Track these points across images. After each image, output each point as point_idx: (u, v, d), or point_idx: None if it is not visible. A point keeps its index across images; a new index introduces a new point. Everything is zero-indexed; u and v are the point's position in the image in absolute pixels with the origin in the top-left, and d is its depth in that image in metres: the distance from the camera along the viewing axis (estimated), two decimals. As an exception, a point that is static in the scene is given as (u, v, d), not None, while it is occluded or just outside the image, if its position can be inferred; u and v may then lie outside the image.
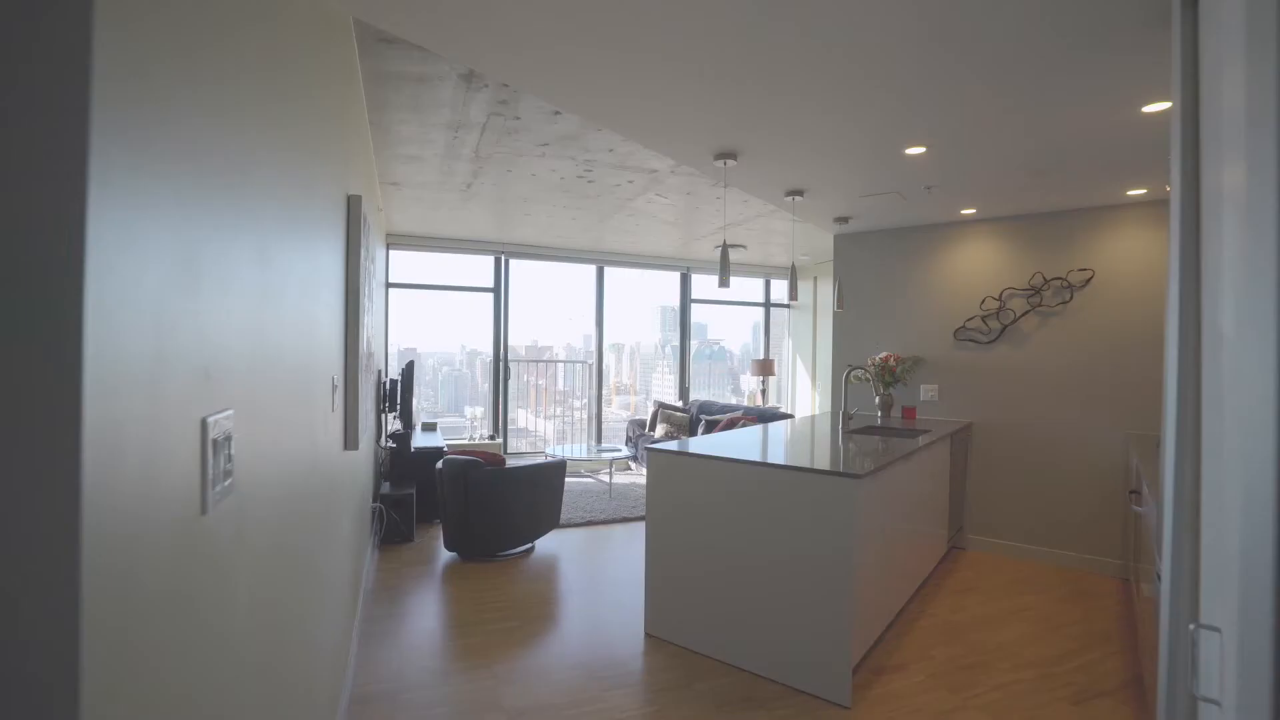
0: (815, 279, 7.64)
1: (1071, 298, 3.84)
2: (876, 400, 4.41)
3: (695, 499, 2.67)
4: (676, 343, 8.02)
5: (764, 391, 7.72)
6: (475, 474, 3.78)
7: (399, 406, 4.95)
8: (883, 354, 4.38)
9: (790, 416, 5.54)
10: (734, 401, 8.82)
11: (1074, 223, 3.83)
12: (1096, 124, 2.51)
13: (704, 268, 7.61)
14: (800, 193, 3.64)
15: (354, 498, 2.74)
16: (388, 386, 5.02)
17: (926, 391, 4.37)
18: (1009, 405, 4.06)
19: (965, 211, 3.98)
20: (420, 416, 7.46)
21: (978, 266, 4.17)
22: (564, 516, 4.85)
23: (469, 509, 3.80)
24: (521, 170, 4.00)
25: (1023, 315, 4.00)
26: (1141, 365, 3.61)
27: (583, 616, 3.11)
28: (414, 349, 7.45)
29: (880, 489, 2.53)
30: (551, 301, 7.56)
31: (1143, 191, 3.43)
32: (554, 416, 7.48)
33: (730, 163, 3.01)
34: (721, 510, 2.58)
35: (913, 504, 3.07)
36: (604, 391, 7.29)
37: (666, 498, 2.77)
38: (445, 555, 3.98)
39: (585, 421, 7.33)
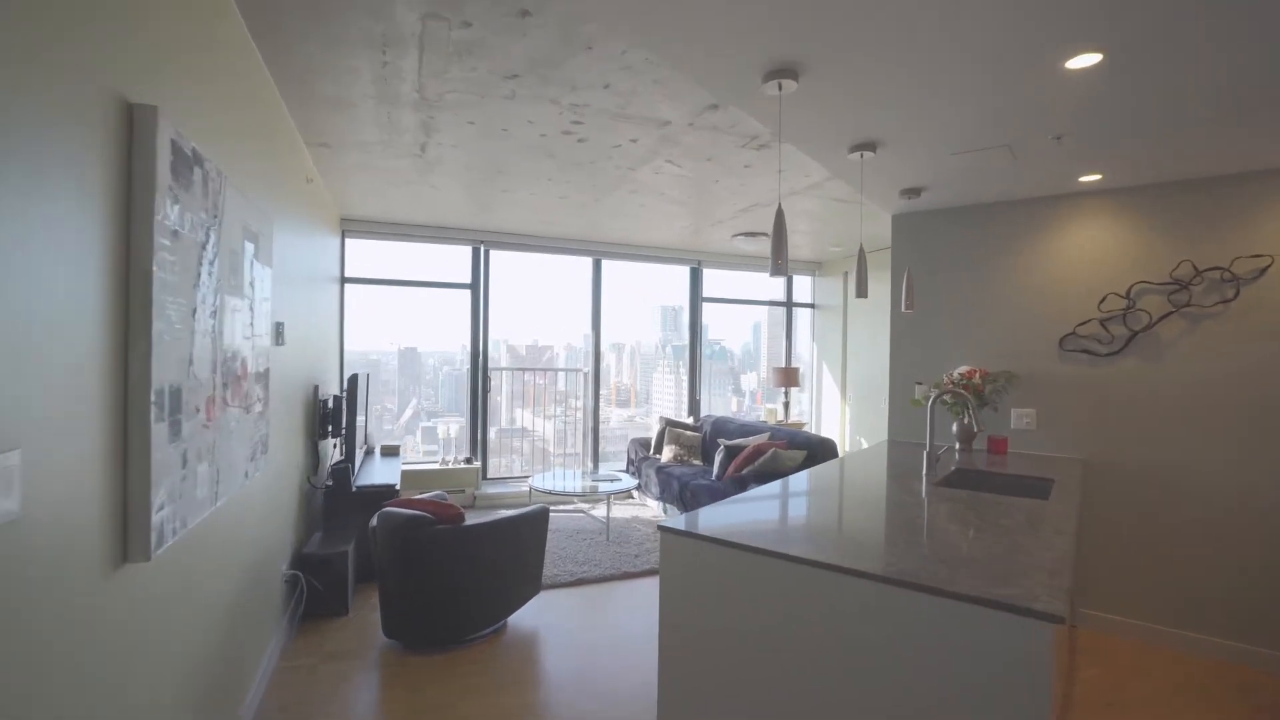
0: (846, 274, 6.62)
1: (1237, 295, 2.82)
2: (954, 428, 3.39)
3: (734, 615, 1.64)
4: (677, 343, 7.03)
5: (786, 405, 6.70)
6: (419, 536, 2.76)
7: (343, 431, 3.93)
8: (963, 368, 3.35)
9: (830, 443, 4.52)
10: (735, 404, 7.79)
11: (1246, 192, 2.80)
12: None
13: (717, 261, 6.58)
14: (872, 147, 2.61)
15: (188, 623, 1.72)
16: (330, 405, 4.00)
17: (1020, 417, 3.35)
18: (1138, 438, 3.04)
19: (1086, 178, 2.95)
20: (419, 420, 6.50)
21: (1098, 254, 3.14)
22: (548, 572, 3.83)
23: (413, 585, 2.78)
24: (488, 122, 2.98)
25: (1161, 319, 2.98)
26: (1347, 389, 2.59)
27: (564, 767, 2.09)
28: (414, 348, 6.58)
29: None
30: (542, 300, 6.56)
31: (1370, 142, 2.41)
32: (554, 416, 6.52)
33: (788, 86, 1.98)
34: (780, 641, 1.56)
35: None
36: (602, 400, 6.27)
37: (688, 610, 1.74)
38: (384, 642, 2.95)
39: (584, 423, 6.31)
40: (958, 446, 3.39)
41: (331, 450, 4.16)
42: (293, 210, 3.07)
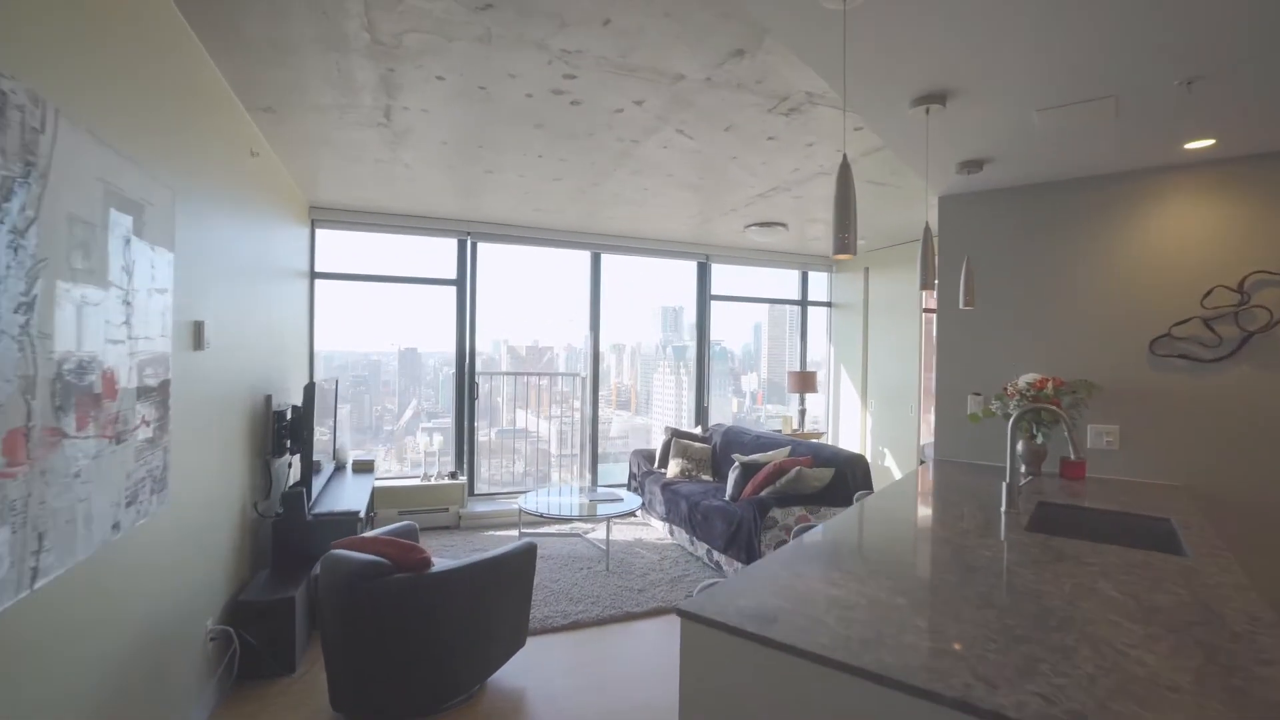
0: (867, 270, 6.08)
1: (1386, 287, 2.28)
2: (1019, 449, 2.85)
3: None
4: (678, 344, 6.50)
5: (803, 413, 6.16)
6: (373, 589, 2.21)
7: (302, 447, 3.38)
8: (1030, 377, 2.81)
9: (861, 460, 3.97)
10: (736, 405, 7.25)
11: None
12: None
13: (727, 256, 6.05)
14: (942, 99, 2.07)
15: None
16: (289, 417, 3.48)
17: (1100, 435, 2.81)
18: (1254, 463, 2.50)
19: (1195, 145, 2.41)
20: (420, 420, 6.00)
21: (1202, 240, 2.60)
22: (538, 613, 3.29)
23: (365, 647, 2.23)
24: (462, 77, 2.44)
25: (1285, 317, 2.44)
26: None
27: None
28: (414, 348, 6.22)
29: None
30: (541, 299, 6.02)
31: None
32: (554, 417, 6.05)
33: (856, -6, 1.44)
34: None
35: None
36: (603, 400, 5.73)
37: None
38: (332, 715, 2.41)
39: (582, 431, 5.78)
40: (1023, 470, 2.85)
41: (288, 470, 3.62)
42: (224, 187, 2.53)
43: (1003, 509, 2.15)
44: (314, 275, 4.77)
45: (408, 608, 2.26)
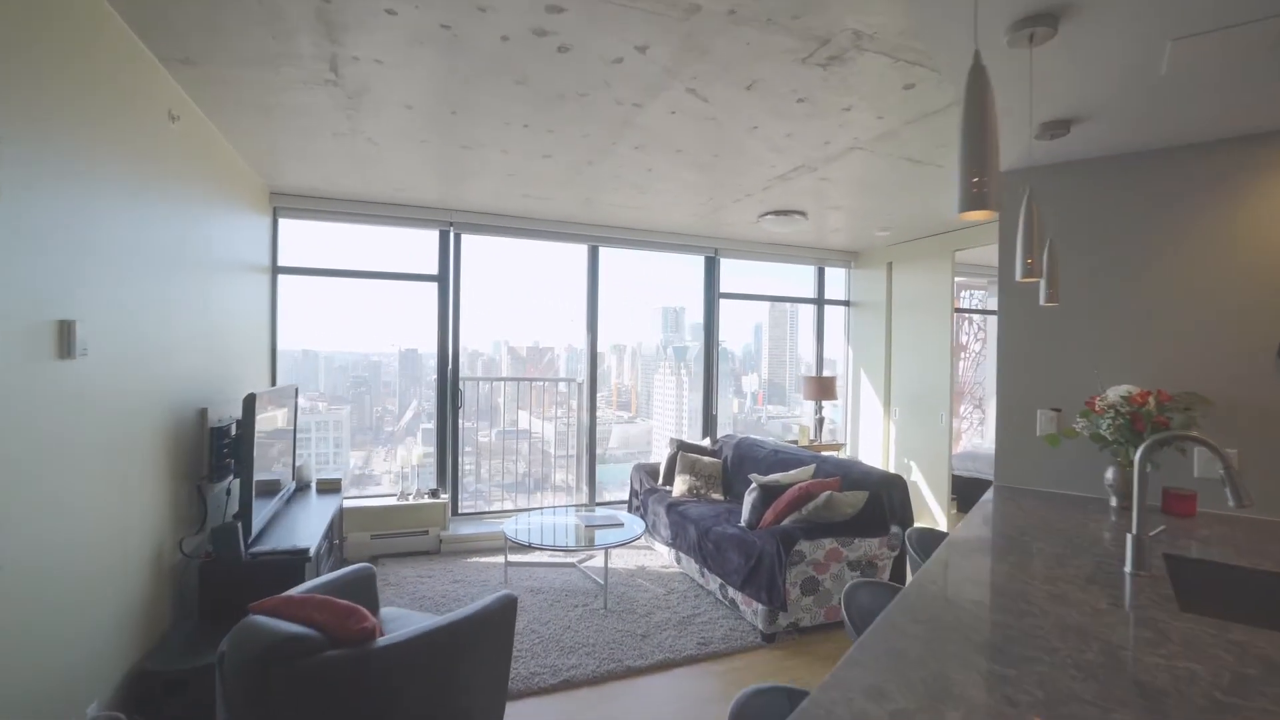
0: (890, 265, 5.54)
1: None
2: (1108, 476, 2.33)
3: None
4: (679, 344, 6.01)
5: (820, 422, 5.63)
6: (293, 674, 1.68)
7: (240, 470, 2.86)
8: (1124, 389, 2.28)
9: (898, 480, 3.44)
10: (736, 405, 6.71)
11: None
12: None
13: (737, 250, 5.51)
14: (1053, 21, 1.54)
15: None
16: (234, 433, 2.98)
17: (1211, 461, 2.28)
18: None
19: (1357, 94, 1.88)
20: (421, 420, 5.50)
21: (1354, 215, 2.08)
22: (523, 668, 2.76)
23: (283, 749, 1.70)
24: (418, 14, 1.90)
25: None
26: None
27: None
28: (415, 349, 5.85)
29: None
30: (539, 296, 5.52)
31: None
32: (553, 419, 5.57)
33: None
34: None
35: None
36: (603, 401, 5.20)
37: None
38: (249, 825, 1.88)
39: (579, 441, 5.26)
40: (1115, 504, 2.32)
41: (226, 497, 3.09)
42: (123, 154, 2.01)
43: (1127, 569, 1.63)
44: (276, 270, 4.24)
45: (345, 694, 1.73)
